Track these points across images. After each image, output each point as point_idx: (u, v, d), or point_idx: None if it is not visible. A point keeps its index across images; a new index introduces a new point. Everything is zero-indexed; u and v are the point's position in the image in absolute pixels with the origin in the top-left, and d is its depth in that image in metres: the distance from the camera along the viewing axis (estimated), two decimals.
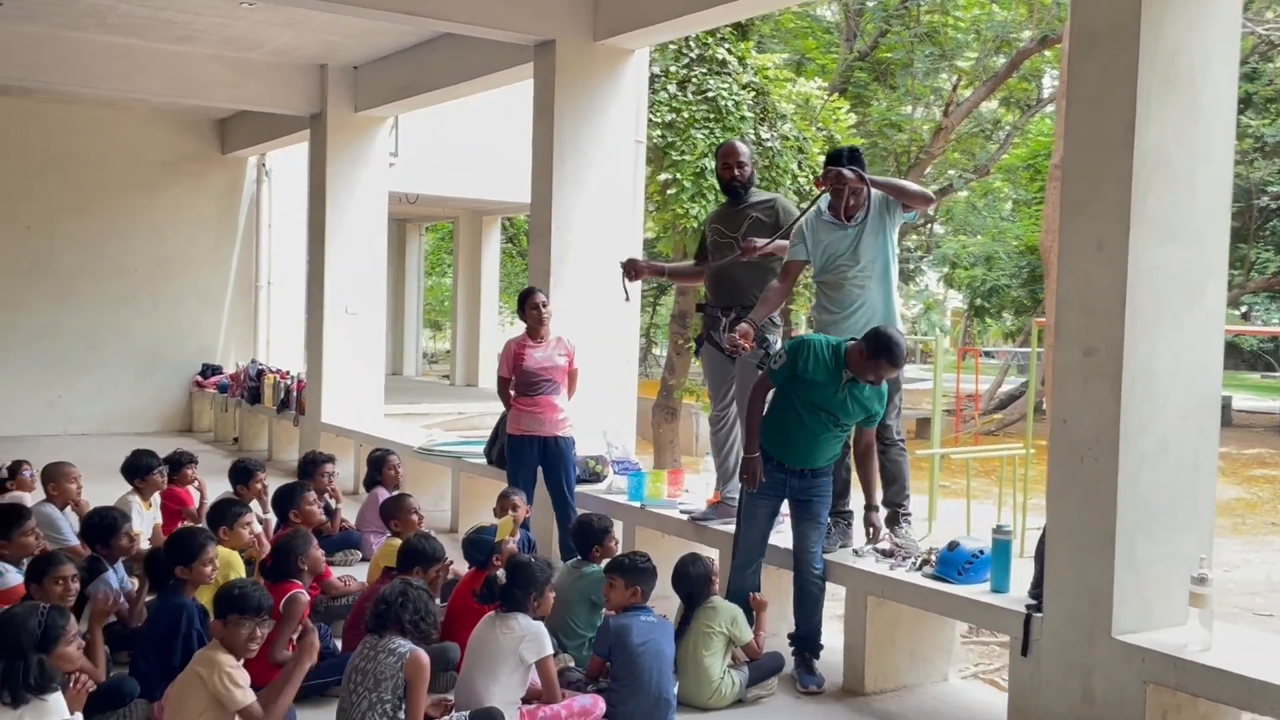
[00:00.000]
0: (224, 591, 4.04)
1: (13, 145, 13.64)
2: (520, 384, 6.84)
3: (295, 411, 11.64)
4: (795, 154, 13.97)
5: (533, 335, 6.85)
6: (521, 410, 6.85)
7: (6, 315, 13.67)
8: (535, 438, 6.83)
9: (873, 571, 5.24)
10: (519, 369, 6.82)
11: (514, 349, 6.88)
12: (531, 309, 6.81)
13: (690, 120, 13.23)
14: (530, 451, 6.85)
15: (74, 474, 6.52)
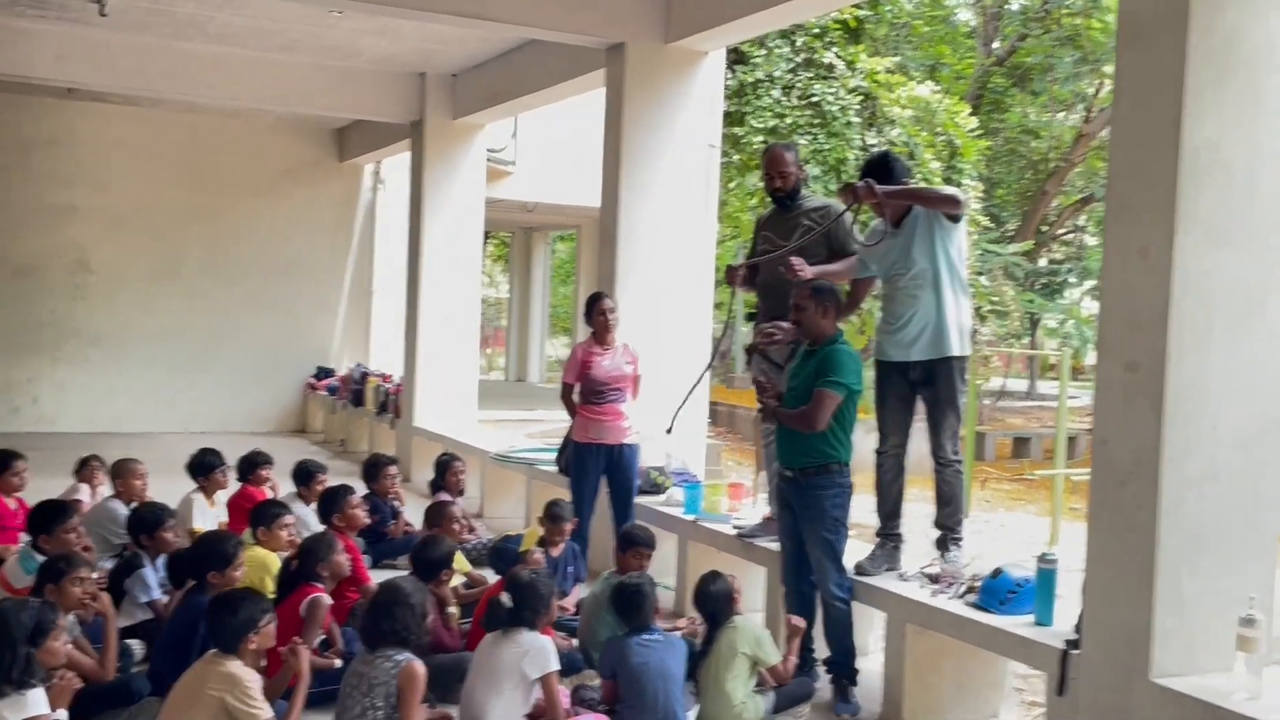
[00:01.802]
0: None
1: (144, 153, 14.24)
2: (587, 391, 6.74)
3: (392, 415, 11.81)
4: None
5: (600, 341, 6.75)
6: (589, 418, 6.74)
7: (134, 317, 14.26)
8: (602, 446, 6.73)
9: (911, 598, 4.95)
10: (585, 376, 6.73)
11: (580, 356, 6.78)
12: (599, 314, 6.72)
13: (794, 126, 12.98)
14: (596, 459, 6.75)
15: (141, 471, 6.69)
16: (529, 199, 16.59)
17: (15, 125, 13.59)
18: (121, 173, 14.14)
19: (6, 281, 13.77)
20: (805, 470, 5.09)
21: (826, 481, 5.04)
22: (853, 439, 5.19)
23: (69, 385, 14.07)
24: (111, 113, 13.91)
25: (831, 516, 5.04)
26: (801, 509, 5.15)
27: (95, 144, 13.98)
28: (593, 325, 6.79)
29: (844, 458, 5.06)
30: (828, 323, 5.14)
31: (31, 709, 3.58)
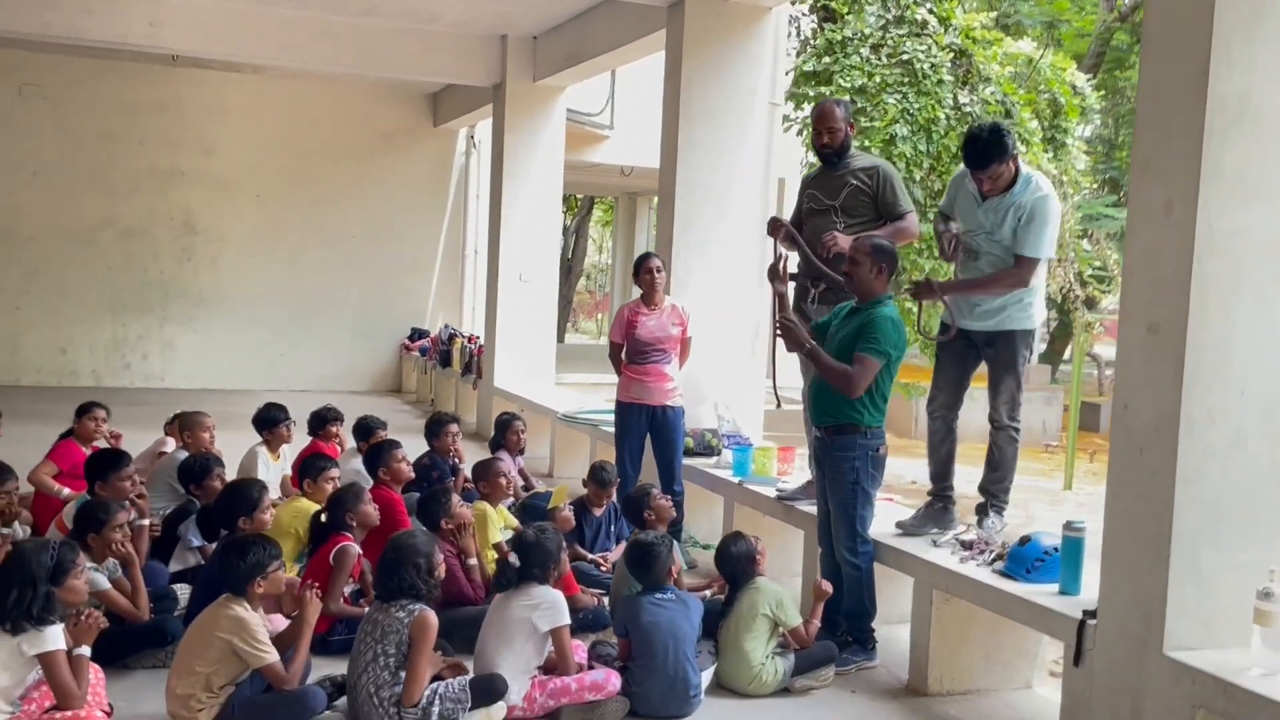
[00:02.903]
0: None
1: (247, 119, 14.67)
2: (631, 351, 6.75)
3: (475, 375, 11.99)
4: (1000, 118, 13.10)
5: (647, 301, 6.75)
6: (631, 378, 6.76)
7: (237, 278, 14.75)
8: (644, 406, 6.74)
9: (936, 563, 4.84)
10: (631, 336, 6.73)
11: (627, 315, 6.78)
12: (645, 274, 6.71)
13: (882, 85, 12.65)
14: (638, 419, 6.76)
15: (208, 424, 6.92)
16: (626, 163, 16.60)
17: (124, 92, 14.12)
18: (225, 138, 14.61)
19: (118, 243, 14.38)
20: (830, 429, 5.01)
21: (849, 443, 4.95)
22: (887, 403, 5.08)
23: (176, 343, 14.66)
24: (214, 79, 14.34)
25: (850, 480, 4.95)
26: (826, 469, 5.08)
27: (200, 109, 14.45)
28: (639, 284, 6.78)
29: (872, 421, 4.95)
30: (879, 283, 5.01)
31: (49, 644, 3.75)
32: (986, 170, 5.02)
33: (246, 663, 3.97)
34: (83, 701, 3.79)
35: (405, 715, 4.07)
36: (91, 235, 14.29)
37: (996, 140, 4.98)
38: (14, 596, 3.75)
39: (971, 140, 5.07)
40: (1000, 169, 5.02)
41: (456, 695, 4.15)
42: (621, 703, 4.39)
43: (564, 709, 4.34)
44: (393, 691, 4.08)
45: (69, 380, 14.13)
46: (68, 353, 14.34)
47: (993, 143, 4.98)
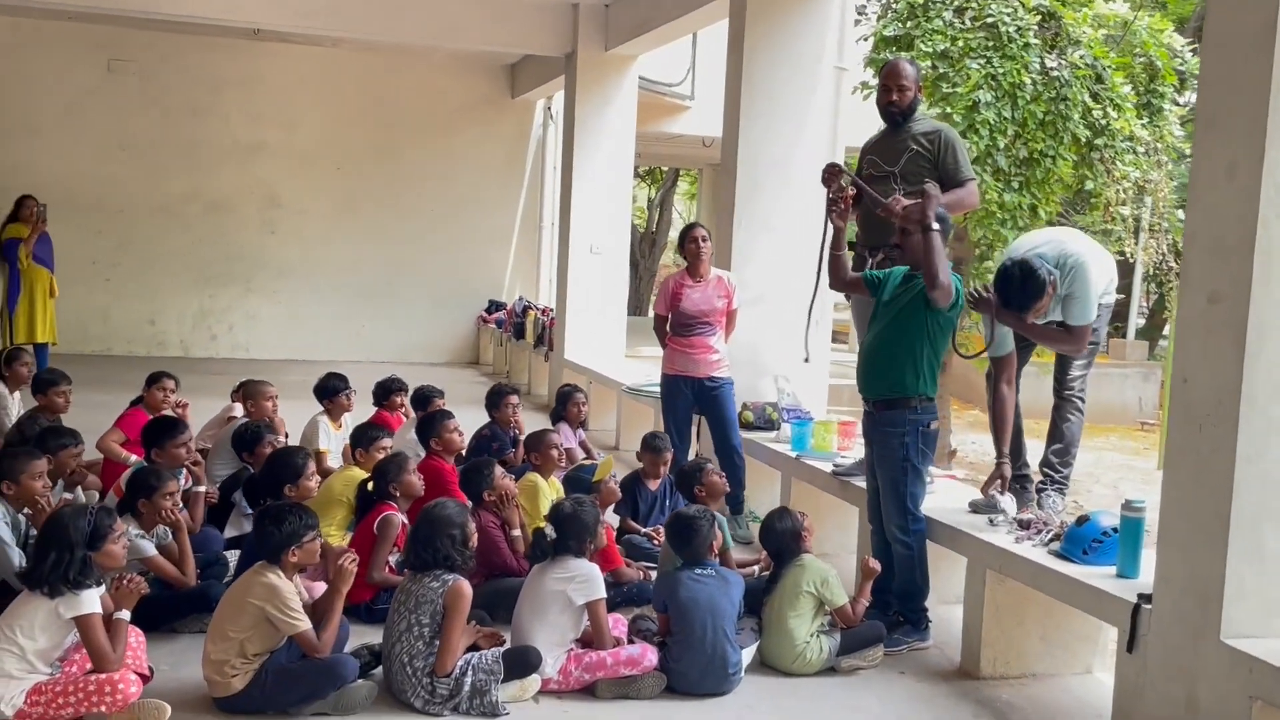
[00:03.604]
0: None
1: (328, 92, 14.82)
2: (676, 323, 6.65)
3: (546, 347, 12.00)
4: (1090, 83, 12.64)
5: (692, 273, 6.62)
6: (675, 350, 6.66)
7: (319, 251, 14.95)
8: (688, 378, 6.64)
9: (990, 543, 4.67)
10: (675, 308, 6.62)
11: (672, 287, 6.67)
12: (690, 243, 6.61)
13: (965, 49, 12.27)
14: (682, 392, 6.67)
15: (270, 392, 7.00)
16: (707, 134, 16.41)
17: (209, 67, 14.36)
18: (307, 111, 14.78)
19: (204, 216, 14.67)
20: (879, 403, 4.85)
21: (898, 418, 4.78)
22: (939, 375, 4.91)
23: (261, 315, 14.93)
24: (296, 52, 14.51)
25: (899, 456, 4.79)
26: (874, 444, 4.93)
27: (282, 83, 14.64)
28: (685, 255, 6.66)
29: (923, 391, 4.78)
30: None
31: (85, 607, 3.81)
32: (1028, 312, 4.83)
33: (280, 630, 3.98)
34: (118, 664, 3.84)
35: (438, 685, 4.06)
36: (179, 208, 14.59)
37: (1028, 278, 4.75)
38: (51, 560, 3.81)
39: (1004, 283, 4.82)
40: (1040, 303, 4.80)
41: (490, 666, 4.12)
42: (658, 678, 4.32)
43: (599, 683, 4.29)
44: (426, 661, 4.07)
45: (158, 350, 14.48)
46: (156, 323, 14.70)
47: (1028, 289, 4.75)
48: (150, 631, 4.40)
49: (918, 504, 4.88)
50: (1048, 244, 5.00)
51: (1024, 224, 11.62)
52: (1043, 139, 11.93)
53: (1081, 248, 5.00)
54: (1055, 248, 4.95)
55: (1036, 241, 5.11)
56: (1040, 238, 5.18)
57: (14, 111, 13.81)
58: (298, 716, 3.98)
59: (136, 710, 3.81)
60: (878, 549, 5.10)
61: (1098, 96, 12.50)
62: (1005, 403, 5.07)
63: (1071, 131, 11.85)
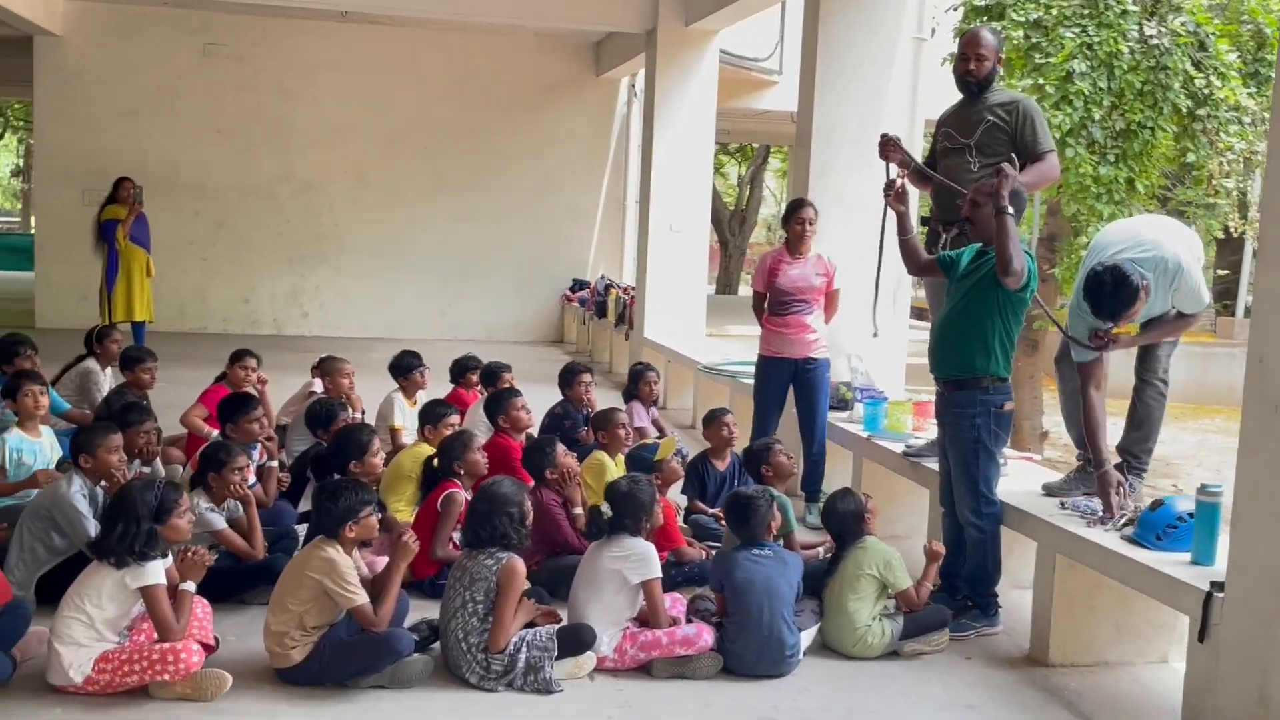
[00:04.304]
0: None
1: (415, 73, 14.97)
2: (773, 301, 6.55)
3: (626, 326, 11.99)
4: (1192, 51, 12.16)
5: (792, 251, 6.50)
6: (772, 330, 6.57)
7: (407, 230, 15.15)
8: (785, 359, 6.54)
9: (1060, 527, 4.52)
10: (773, 285, 6.53)
11: (769, 263, 6.58)
12: (796, 223, 6.47)
13: (1060, 18, 11.89)
14: (779, 374, 6.58)
15: (347, 369, 7.12)
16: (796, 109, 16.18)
17: (300, 50, 14.62)
18: (395, 92, 14.95)
19: (296, 196, 14.96)
20: (949, 383, 4.73)
21: (970, 399, 4.66)
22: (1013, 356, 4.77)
23: (350, 293, 15.19)
24: (384, 34, 14.67)
25: (970, 438, 4.66)
26: (945, 425, 4.82)
27: (370, 65, 14.83)
28: (788, 232, 6.54)
29: (995, 371, 4.64)
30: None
31: (150, 578, 3.91)
32: (1119, 321, 4.64)
33: (337, 604, 4.03)
34: (181, 634, 3.93)
35: (493, 661, 4.08)
36: (271, 189, 14.91)
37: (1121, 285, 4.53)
38: (119, 532, 3.92)
39: (1096, 290, 4.60)
40: (1133, 310, 4.61)
41: (544, 643, 4.13)
42: (714, 659, 4.28)
43: (655, 662, 4.27)
44: (481, 638, 4.10)
45: (252, 329, 14.84)
46: (250, 302, 15.06)
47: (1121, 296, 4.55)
48: (218, 603, 4.51)
49: (991, 486, 4.75)
50: (1137, 246, 4.75)
51: (1120, 198, 11.25)
52: (1141, 110, 11.50)
53: (1176, 247, 4.76)
54: (1149, 250, 4.71)
55: (1123, 240, 4.86)
56: (1127, 235, 4.91)
57: (114, 95, 14.24)
58: (355, 689, 4.03)
59: (198, 679, 3.90)
60: (949, 532, 4.98)
61: (1200, 65, 12.01)
62: (1095, 409, 4.86)
63: (1172, 102, 11.42)
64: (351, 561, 4.09)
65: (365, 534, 4.17)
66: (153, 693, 3.88)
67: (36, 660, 4.02)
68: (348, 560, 4.07)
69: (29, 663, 4.03)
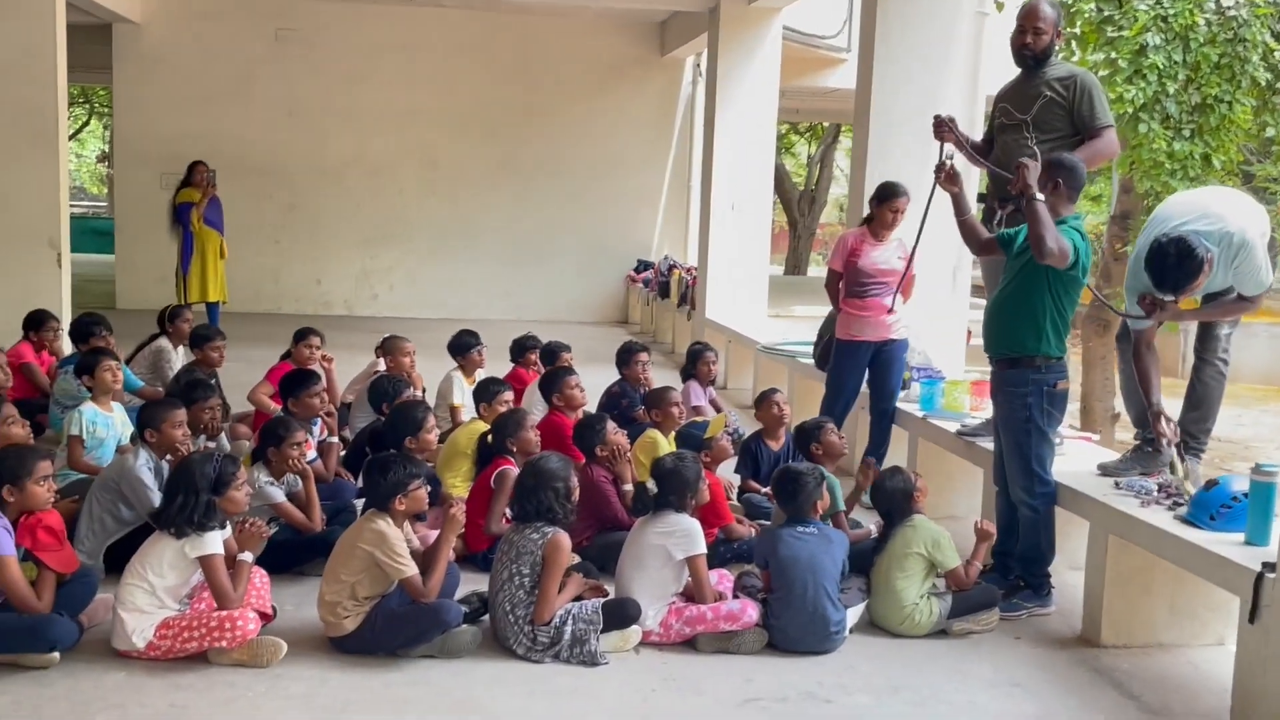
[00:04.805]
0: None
1: (482, 55, 15.08)
2: (850, 283, 6.45)
3: (688, 306, 12.00)
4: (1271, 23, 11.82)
5: (875, 234, 6.39)
6: (850, 314, 6.47)
7: (474, 212, 15.31)
8: (865, 343, 6.45)
9: (1113, 507, 4.47)
10: (852, 266, 6.44)
11: (850, 243, 6.47)
12: (891, 210, 6.28)
13: None
14: (859, 358, 6.48)
15: (408, 348, 7.26)
16: None
17: (368, 34, 14.81)
18: (462, 75, 15.08)
19: (365, 179, 15.19)
20: (1001, 362, 4.69)
21: (1022, 377, 4.62)
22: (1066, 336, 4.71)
23: (419, 274, 15.40)
24: (451, 17, 14.81)
25: (1022, 417, 4.62)
26: (999, 404, 4.78)
27: (437, 48, 14.98)
28: (877, 216, 6.36)
29: (1048, 351, 4.59)
30: (1056, 200, 4.60)
31: (208, 548, 4.05)
32: (1180, 294, 4.55)
33: (388, 575, 4.13)
34: (239, 603, 4.06)
35: (539, 633, 4.16)
36: (341, 172, 15.15)
37: (1185, 258, 4.44)
38: (179, 503, 4.06)
39: (1159, 262, 4.51)
40: (1196, 283, 4.52)
41: (589, 617, 4.19)
42: (759, 634, 4.31)
43: (700, 637, 4.31)
44: (527, 610, 4.17)
45: (324, 309, 15.12)
46: (322, 283, 15.34)
47: (1185, 268, 4.46)
48: (277, 573, 4.64)
49: (1044, 466, 4.71)
50: (1202, 218, 4.66)
51: (1195, 174, 10.99)
52: (1218, 83, 11.22)
53: (1243, 221, 4.66)
54: (1214, 223, 4.62)
55: (1188, 211, 4.77)
56: (1193, 207, 4.82)
57: (190, 81, 14.56)
58: (405, 658, 4.13)
59: (255, 646, 4.02)
60: (1003, 511, 4.95)
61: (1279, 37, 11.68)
62: (1145, 360, 4.80)
63: (1250, 75, 11.12)
64: (401, 534, 4.18)
65: (415, 507, 4.26)
66: (211, 658, 4.01)
67: (102, 626, 4.18)
68: (397, 532, 4.16)
69: (95, 628, 4.19)
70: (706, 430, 5.47)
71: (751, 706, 3.90)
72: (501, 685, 3.99)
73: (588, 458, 5.30)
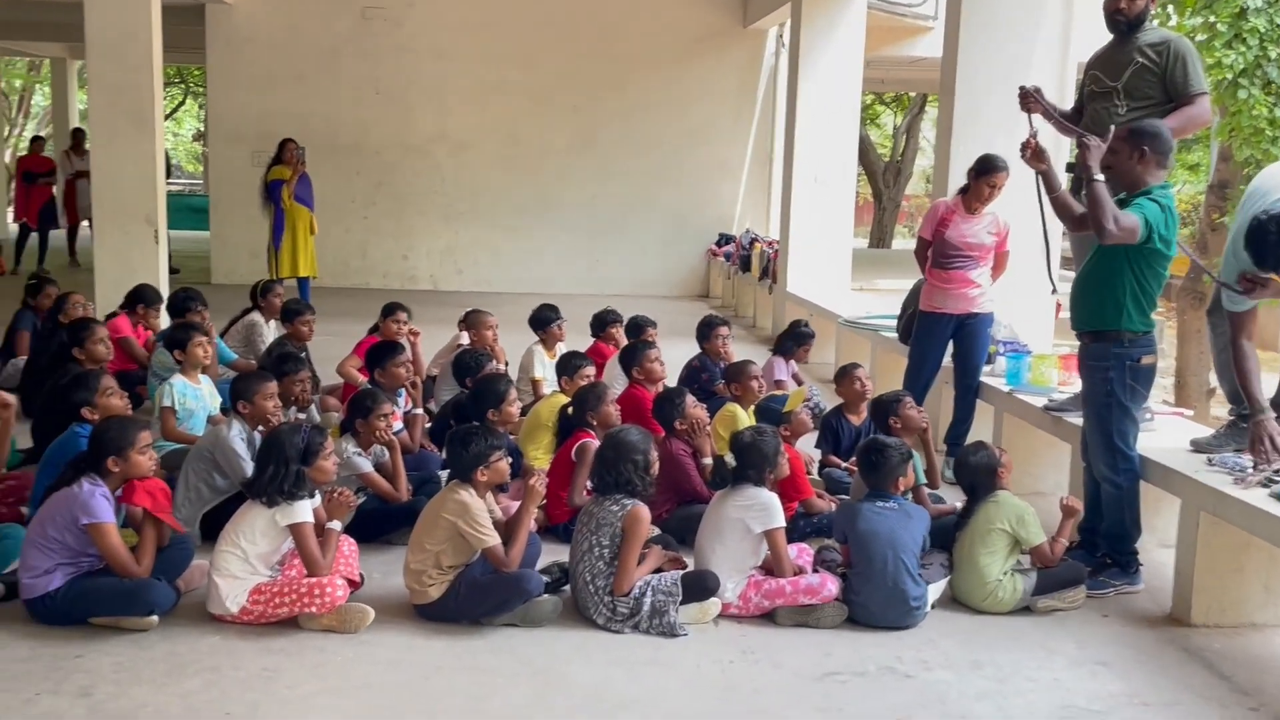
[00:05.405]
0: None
1: (562, 30, 15.10)
2: (938, 253, 6.37)
3: (770, 280, 11.94)
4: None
5: (968, 206, 6.30)
6: (935, 285, 6.41)
7: (555, 187, 15.38)
8: (947, 316, 6.38)
9: (1204, 483, 4.36)
10: (940, 237, 6.36)
11: (941, 212, 6.37)
12: (988, 185, 6.17)
13: None
14: (941, 331, 6.43)
15: (491, 322, 7.36)
16: None
17: (453, 10, 14.92)
18: (544, 50, 15.11)
19: (450, 155, 15.34)
20: (1085, 335, 4.60)
21: (1104, 351, 4.52)
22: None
23: (502, 250, 15.53)
24: None
25: (1103, 392, 4.53)
26: (1083, 379, 4.69)
27: (520, 24, 15.01)
28: (972, 189, 6.25)
29: (1132, 326, 4.49)
30: (1143, 169, 4.49)
31: (298, 516, 4.16)
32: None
33: (471, 544, 4.20)
34: (328, 570, 4.17)
35: (619, 604, 4.20)
36: (427, 148, 15.31)
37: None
38: (269, 473, 4.18)
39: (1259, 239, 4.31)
40: None
41: (668, 589, 4.22)
42: (839, 609, 4.30)
43: (779, 610, 4.32)
44: (607, 581, 4.22)
45: (410, 284, 15.32)
46: (409, 258, 15.55)
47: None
48: (365, 542, 4.76)
49: (1127, 441, 4.61)
50: None
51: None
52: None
53: None
54: None
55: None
56: None
57: (280, 60, 14.83)
58: (488, 626, 4.20)
59: (343, 612, 4.13)
60: (1090, 488, 4.87)
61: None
62: (1246, 355, 4.65)
63: None
64: (484, 504, 4.25)
65: (496, 478, 4.32)
66: (302, 624, 4.13)
67: (198, 591, 4.32)
68: (480, 503, 4.23)
69: (191, 593, 4.34)
70: (786, 404, 5.45)
71: (830, 680, 3.90)
72: (582, 654, 4.04)
73: (667, 431, 5.33)
